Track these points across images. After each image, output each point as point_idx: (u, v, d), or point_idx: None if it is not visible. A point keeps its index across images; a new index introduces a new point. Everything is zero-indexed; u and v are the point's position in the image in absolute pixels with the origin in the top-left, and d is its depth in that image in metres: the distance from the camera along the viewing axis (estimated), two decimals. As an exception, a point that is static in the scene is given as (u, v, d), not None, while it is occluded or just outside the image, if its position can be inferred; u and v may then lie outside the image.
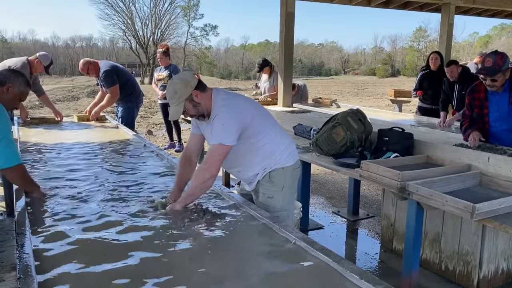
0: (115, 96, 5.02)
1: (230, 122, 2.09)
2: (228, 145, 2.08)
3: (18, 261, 1.47)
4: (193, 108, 2.12)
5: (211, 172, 2.08)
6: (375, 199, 4.72)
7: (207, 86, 2.18)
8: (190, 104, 2.11)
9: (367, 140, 3.32)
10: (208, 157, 2.11)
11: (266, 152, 2.23)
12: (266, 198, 2.28)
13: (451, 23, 6.90)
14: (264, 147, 2.22)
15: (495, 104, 3.13)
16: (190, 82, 2.10)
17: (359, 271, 1.45)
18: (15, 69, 2.76)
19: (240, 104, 2.20)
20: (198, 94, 2.11)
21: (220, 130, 2.08)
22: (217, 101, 2.15)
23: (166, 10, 41.13)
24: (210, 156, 2.10)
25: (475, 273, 2.76)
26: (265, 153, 2.23)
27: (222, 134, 2.07)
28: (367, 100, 16.86)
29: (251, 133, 2.17)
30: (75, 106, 13.79)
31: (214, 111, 2.13)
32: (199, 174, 2.12)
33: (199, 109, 2.13)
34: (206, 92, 2.14)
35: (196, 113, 2.14)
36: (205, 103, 2.13)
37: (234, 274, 1.53)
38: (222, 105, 2.12)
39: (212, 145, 2.11)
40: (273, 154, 2.25)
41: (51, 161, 3.05)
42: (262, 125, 2.22)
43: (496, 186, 2.54)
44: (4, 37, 53.64)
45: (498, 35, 52.56)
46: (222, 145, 2.07)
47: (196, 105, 2.11)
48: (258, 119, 2.21)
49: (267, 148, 2.23)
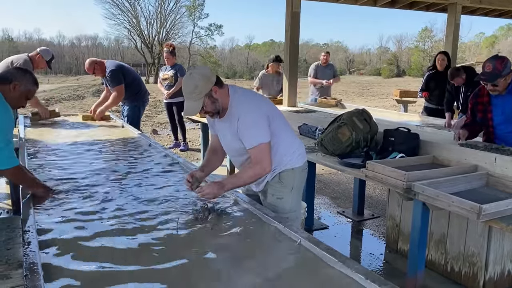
0: (120, 95, 5.03)
1: (260, 120, 2.10)
2: (268, 141, 2.09)
3: (25, 259, 1.47)
4: (211, 105, 2.09)
5: (266, 170, 2.12)
6: (380, 199, 4.71)
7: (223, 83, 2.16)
8: (208, 100, 2.07)
9: (372, 140, 3.30)
10: (257, 159, 2.09)
11: (279, 152, 2.21)
12: (275, 199, 2.26)
13: (458, 23, 6.86)
14: (278, 148, 2.20)
15: (500, 107, 3.11)
16: (211, 77, 2.06)
17: (364, 271, 1.44)
18: (21, 67, 2.77)
19: (263, 103, 2.20)
20: (217, 90, 2.08)
21: (254, 131, 2.07)
22: (236, 99, 2.12)
23: (171, 10, 41.19)
24: (259, 158, 2.09)
25: (481, 275, 2.74)
26: (277, 154, 2.20)
27: (258, 134, 2.07)
28: (372, 100, 16.80)
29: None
30: (81, 105, 13.84)
31: (235, 110, 2.10)
32: (255, 169, 2.11)
33: (217, 106, 2.10)
34: (223, 88, 2.12)
35: (213, 110, 2.11)
36: (222, 100, 2.11)
37: (240, 274, 1.52)
38: (245, 106, 2.10)
39: (252, 148, 2.08)
40: (285, 155, 2.23)
41: (56, 160, 3.06)
42: (278, 125, 2.21)
43: (503, 187, 2.52)
44: (10, 36, 53.90)
45: (504, 35, 52.21)
46: (262, 144, 2.07)
47: (214, 102, 2.08)
48: (275, 119, 2.20)
49: (280, 148, 2.21)
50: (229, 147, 2.27)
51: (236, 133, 2.12)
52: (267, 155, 2.10)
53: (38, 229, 1.80)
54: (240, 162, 2.29)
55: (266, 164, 2.10)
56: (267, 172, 2.14)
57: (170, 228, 1.87)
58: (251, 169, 2.12)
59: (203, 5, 43.81)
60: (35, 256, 1.50)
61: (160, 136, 8.49)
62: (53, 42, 54.91)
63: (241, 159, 2.26)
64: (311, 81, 7.12)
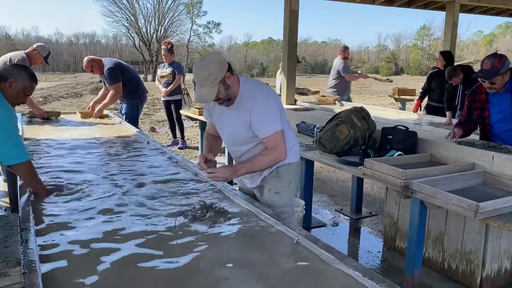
0: (118, 93, 5.02)
1: (274, 109, 2.12)
2: (281, 129, 2.12)
3: (23, 256, 1.47)
4: (224, 91, 2.05)
5: (282, 155, 2.16)
6: (378, 197, 4.72)
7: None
8: (222, 87, 2.03)
9: (370, 138, 3.31)
10: (273, 145, 2.11)
11: None
12: (273, 193, 2.27)
13: (456, 21, 6.86)
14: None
15: (497, 105, 3.11)
16: (224, 63, 2.02)
17: (362, 269, 1.45)
18: (18, 64, 2.76)
19: (274, 95, 2.21)
20: (230, 76, 2.05)
21: (270, 120, 2.09)
22: (247, 88, 2.11)
23: (170, 7, 41.10)
24: (275, 144, 2.11)
25: (478, 272, 2.75)
26: None
27: (273, 123, 2.09)
28: (370, 98, 16.82)
29: None
30: (78, 102, 13.82)
31: (247, 100, 2.08)
32: (272, 155, 2.13)
33: (229, 92, 2.07)
34: (234, 76, 2.10)
35: (225, 97, 2.07)
36: (234, 87, 2.09)
37: (238, 272, 1.53)
38: (259, 96, 2.10)
39: (267, 137, 2.10)
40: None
41: (54, 158, 3.05)
42: (283, 119, 2.21)
43: (500, 185, 2.53)
44: (8, 34, 53.73)
45: (503, 34, 52.28)
46: (277, 132, 2.10)
47: (227, 88, 2.05)
48: (282, 112, 2.21)
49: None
50: (233, 136, 2.24)
51: (247, 122, 2.10)
52: (283, 142, 2.14)
53: (36, 227, 1.80)
54: (240, 152, 2.27)
55: (282, 150, 2.14)
56: (283, 158, 2.18)
57: (169, 227, 1.87)
58: (267, 155, 2.13)
59: (201, 2, 43.75)
60: (33, 253, 1.50)
61: (159, 134, 8.49)
62: (51, 39, 54.77)
63: (243, 149, 2.24)
64: (349, 77, 7.15)
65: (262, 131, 2.10)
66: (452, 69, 4.85)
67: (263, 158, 2.15)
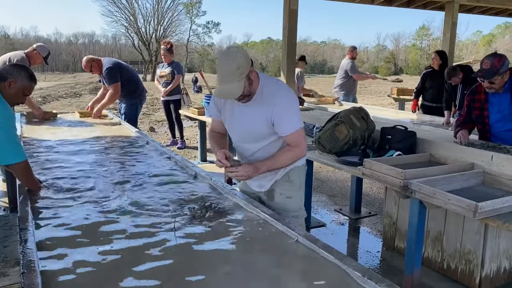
0: (117, 93, 5.02)
1: (296, 106, 2.12)
2: (303, 126, 2.11)
3: (22, 256, 1.47)
4: (248, 86, 1.97)
5: (303, 153, 2.15)
6: (377, 197, 4.72)
7: None
8: (247, 82, 1.95)
9: (369, 138, 3.31)
10: (296, 143, 2.09)
11: None
12: (285, 198, 2.22)
13: (455, 21, 6.87)
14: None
15: (497, 105, 3.11)
16: (248, 57, 1.96)
17: (361, 269, 1.45)
18: (18, 64, 2.76)
19: (291, 90, 2.19)
20: (252, 71, 2.00)
21: (293, 117, 2.07)
22: (267, 84, 2.06)
23: (169, 7, 41.16)
24: (297, 141, 2.09)
25: (477, 272, 2.75)
26: None
27: (296, 120, 2.07)
28: (369, 98, 16.83)
29: None
30: (78, 102, 13.81)
31: (268, 97, 2.03)
32: (295, 152, 2.10)
33: (252, 88, 2.01)
34: (254, 71, 2.04)
35: (247, 92, 1.98)
36: (255, 83, 2.03)
37: (237, 272, 1.53)
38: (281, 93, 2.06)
39: (289, 134, 2.06)
40: None
41: (52, 158, 3.05)
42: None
43: (499, 185, 2.53)
44: (7, 34, 53.70)
45: (502, 34, 52.36)
46: (299, 129, 2.08)
47: (251, 83, 1.99)
48: None
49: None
50: (247, 133, 2.15)
51: (267, 118, 2.05)
52: (304, 139, 2.12)
53: (36, 226, 1.80)
54: (251, 151, 2.19)
55: (303, 147, 2.12)
56: (304, 155, 2.18)
57: (168, 227, 1.87)
58: (290, 151, 2.09)
59: (200, 2, 43.84)
60: (32, 253, 1.50)
61: (158, 134, 8.48)
62: (50, 39, 54.77)
63: (255, 147, 2.17)
64: (357, 77, 7.17)
65: (285, 128, 2.06)
66: (452, 69, 4.85)
67: (287, 154, 2.10)
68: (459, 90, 4.89)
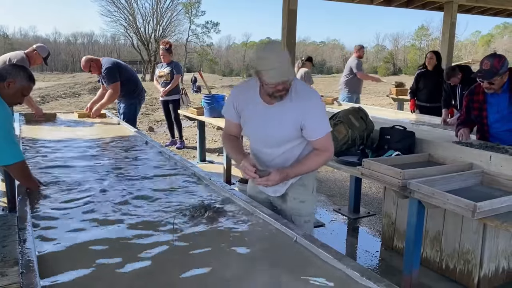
0: (116, 93, 5.02)
1: (324, 110, 2.09)
2: (331, 130, 2.08)
3: (21, 256, 1.47)
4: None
5: (331, 156, 2.11)
6: (376, 197, 4.73)
7: None
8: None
9: (368, 138, 3.31)
10: (325, 147, 2.04)
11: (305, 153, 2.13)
12: (298, 202, 2.18)
13: (454, 21, 6.88)
14: (306, 147, 2.12)
15: (495, 105, 3.12)
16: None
17: (360, 269, 1.45)
18: (17, 64, 2.76)
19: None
20: None
21: (324, 121, 2.03)
22: (300, 87, 2.00)
23: (168, 7, 41.15)
24: (327, 145, 2.05)
25: (475, 272, 2.76)
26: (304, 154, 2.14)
27: (327, 123, 2.04)
28: (368, 98, 16.84)
29: None
30: (77, 102, 13.80)
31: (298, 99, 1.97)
32: (325, 156, 2.06)
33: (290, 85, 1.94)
34: None
35: (289, 85, 1.92)
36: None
37: (237, 272, 1.53)
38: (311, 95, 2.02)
39: (320, 138, 2.01)
40: None
41: (53, 157, 3.05)
42: None
43: (498, 185, 2.54)
44: (6, 33, 53.65)
45: (500, 34, 52.44)
46: (329, 133, 2.05)
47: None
48: None
49: (308, 147, 2.12)
50: (271, 137, 2.06)
51: (295, 121, 1.99)
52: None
53: (34, 226, 1.80)
54: (273, 155, 2.11)
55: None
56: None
57: (168, 227, 1.87)
58: (320, 156, 2.05)
59: (199, 2, 43.83)
60: (31, 253, 1.50)
61: (157, 133, 8.48)
62: (48, 39, 54.73)
63: (278, 151, 2.09)
64: (361, 75, 7.15)
65: (317, 132, 2.01)
66: (451, 69, 4.86)
67: (316, 159, 2.05)
68: (458, 91, 4.89)
